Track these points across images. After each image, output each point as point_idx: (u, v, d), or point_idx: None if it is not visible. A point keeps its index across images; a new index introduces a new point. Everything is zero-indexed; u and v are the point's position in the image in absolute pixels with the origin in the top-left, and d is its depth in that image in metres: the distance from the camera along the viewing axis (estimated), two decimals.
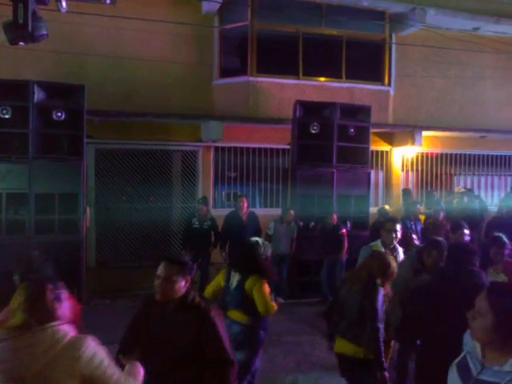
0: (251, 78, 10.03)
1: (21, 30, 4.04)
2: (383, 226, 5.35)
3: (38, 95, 7.25)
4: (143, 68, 9.53)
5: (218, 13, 10.09)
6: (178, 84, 9.86)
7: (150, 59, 9.49)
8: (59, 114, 7.36)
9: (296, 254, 8.61)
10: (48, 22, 4.39)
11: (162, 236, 10.25)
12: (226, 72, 10.37)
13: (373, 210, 9.51)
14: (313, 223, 8.73)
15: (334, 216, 8.40)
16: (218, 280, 4.46)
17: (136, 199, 9.97)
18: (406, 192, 10.70)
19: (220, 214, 9.22)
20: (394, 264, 3.94)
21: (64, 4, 4.62)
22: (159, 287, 2.89)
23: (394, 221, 5.33)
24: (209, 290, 4.53)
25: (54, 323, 2.26)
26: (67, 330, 2.29)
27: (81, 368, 2.20)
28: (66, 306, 2.39)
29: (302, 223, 8.72)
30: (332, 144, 8.78)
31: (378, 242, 5.24)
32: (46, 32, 4.31)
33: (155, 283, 2.91)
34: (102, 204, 9.81)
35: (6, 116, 7.18)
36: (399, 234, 5.19)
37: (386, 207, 9.70)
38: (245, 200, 8.72)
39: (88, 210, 7.96)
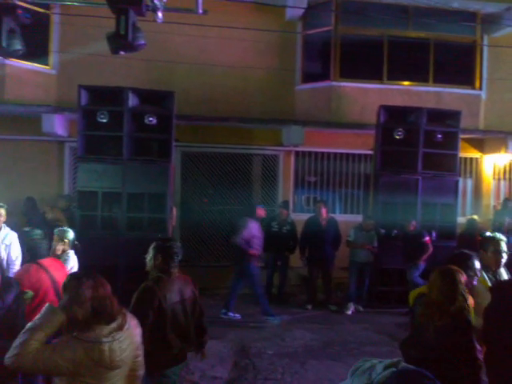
0: (334, 83, 9.98)
1: (122, 41, 4.35)
2: (485, 244, 4.22)
3: (132, 101, 7.72)
4: (227, 74, 9.81)
5: (301, 18, 10.16)
6: (260, 89, 10.05)
7: (234, 65, 9.75)
8: (151, 118, 7.79)
9: (377, 262, 8.43)
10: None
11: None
12: (308, 77, 10.41)
13: (460, 219, 9.08)
14: (395, 231, 8.51)
15: (413, 223, 8.13)
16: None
17: (218, 201, 10.27)
18: (509, 202, 10.02)
19: (299, 218, 9.26)
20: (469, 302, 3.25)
21: (160, 15, 4.91)
22: None
23: (498, 240, 4.16)
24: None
25: None
26: None
27: None
28: None
29: (383, 231, 8.53)
30: (417, 150, 8.52)
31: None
32: (143, 42, 4.61)
33: None
34: (186, 204, 10.20)
35: (103, 120, 7.72)
36: (505, 256, 4.12)
37: (475, 217, 9.21)
38: (323, 206, 8.69)
39: (174, 209, 8.32)
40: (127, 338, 2.57)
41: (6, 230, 5.85)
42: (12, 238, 5.80)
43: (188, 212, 10.17)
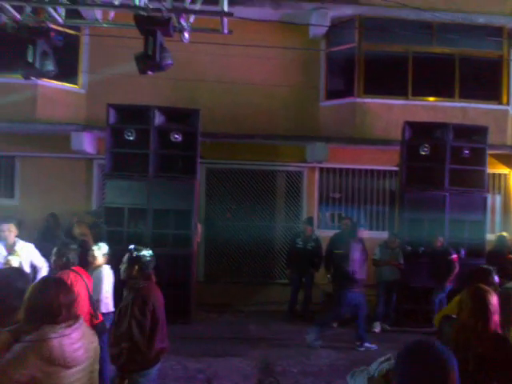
0: (358, 99, 9.99)
1: (150, 61, 4.47)
2: None
3: (158, 119, 7.88)
4: (251, 92, 9.91)
5: (324, 36, 10.24)
6: (284, 106, 10.11)
7: (258, 83, 9.86)
8: (176, 135, 7.92)
9: (404, 280, 8.29)
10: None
11: (266, 254, 10.44)
12: (332, 94, 10.43)
13: (489, 236, 8.88)
14: (422, 248, 8.37)
15: (440, 239, 7.99)
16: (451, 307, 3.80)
17: (242, 217, 10.29)
18: None
19: (324, 235, 9.20)
20: None
21: (187, 35, 5.03)
22: None
23: None
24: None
25: None
26: None
27: None
28: None
29: (409, 248, 8.40)
30: (444, 166, 8.41)
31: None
32: (170, 61, 4.73)
33: None
34: (210, 221, 10.26)
35: (131, 138, 7.89)
36: None
37: (505, 234, 9.00)
38: (348, 222, 8.62)
39: (199, 226, 8.38)
40: (80, 340, 2.58)
41: (20, 243, 5.84)
42: (29, 249, 5.84)
43: (212, 228, 10.22)
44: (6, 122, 9.00)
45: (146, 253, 4.14)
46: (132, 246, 4.22)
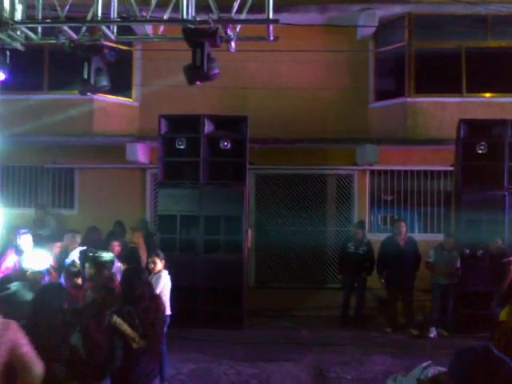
0: (409, 99, 9.76)
1: (198, 72, 4.60)
2: None
3: (208, 127, 8.05)
4: (300, 96, 9.91)
5: (372, 37, 10.09)
6: (333, 109, 10.04)
7: (307, 87, 9.84)
8: (225, 143, 8.06)
9: (461, 284, 8.00)
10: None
11: (318, 259, 10.37)
12: (381, 95, 10.26)
13: None
14: (481, 251, 8.04)
15: (499, 241, 7.64)
16: None
17: (292, 222, 10.29)
18: None
19: (376, 238, 9.04)
20: None
21: (233, 45, 5.13)
22: None
23: None
24: None
25: None
26: None
27: (5, 345, 2.83)
28: None
29: (467, 251, 8.09)
30: (502, 164, 8.06)
31: None
32: (218, 71, 4.84)
33: None
34: (261, 226, 10.32)
35: (181, 147, 8.11)
36: None
37: None
38: (403, 225, 8.43)
39: (249, 231, 8.46)
40: None
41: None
42: None
43: (263, 233, 10.28)
44: (64, 136, 9.47)
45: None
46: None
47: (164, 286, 5.71)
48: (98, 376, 3.48)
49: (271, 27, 5.50)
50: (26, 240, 5.89)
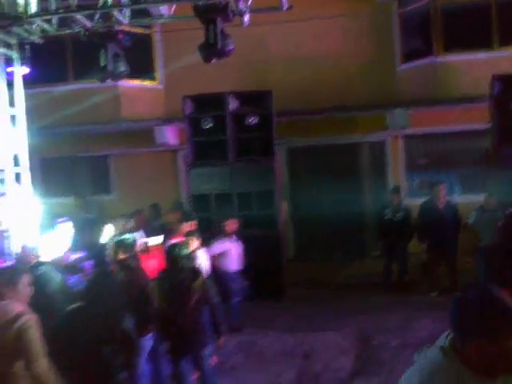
0: (437, 58, 9.38)
1: (212, 49, 4.54)
2: None
3: (233, 104, 8.00)
4: (323, 65, 9.69)
5: None
6: (358, 76, 9.77)
7: (329, 56, 9.62)
8: (251, 119, 8.00)
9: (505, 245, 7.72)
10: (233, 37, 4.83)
11: (356, 228, 10.27)
12: (408, 56, 9.89)
13: None
14: None
15: None
16: None
17: (327, 193, 10.18)
18: None
19: (414, 203, 8.83)
20: None
21: (246, 19, 5.01)
22: None
23: None
24: None
25: (4, 302, 3.22)
26: (13, 307, 3.20)
27: (16, 337, 3.09)
28: (17, 289, 3.28)
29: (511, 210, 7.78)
30: None
31: None
32: (232, 47, 4.75)
33: None
34: (295, 199, 10.28)
35: (208, 126, 8.11)
36: None
37: None
38: (441, 188, 8.19)
39: (283, 205, 8.45)
40: None
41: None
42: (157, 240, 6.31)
43: (298, 207, 10.24)
44: (93, 124, 9.67)
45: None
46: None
47: (200, 264, 5.80)
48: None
49: None
50: (65, 228, 6.08)
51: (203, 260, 5.92)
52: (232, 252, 7.06)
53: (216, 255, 6.88)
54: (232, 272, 7.02)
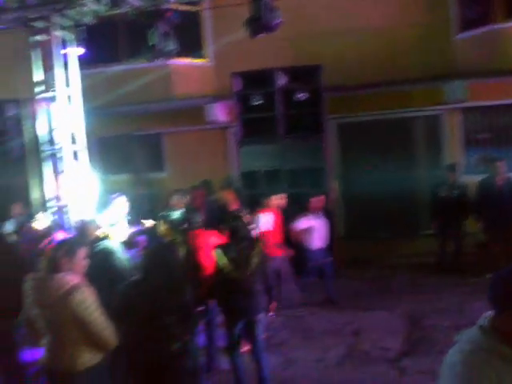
0: (498, 26, 8.77)
1: (258, 23, 4.47)
2: None
3: (282, 80, 7.90)
4: (375, 37, 9.32)
5: None
6: (412, 47, 9.33)
7: (382, 27, 9.24)
8: (301, 94, 7.89)
9: None
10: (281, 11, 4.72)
11: (409, 206, 9.98)
12: (466, 25, 9.29)
13: None
14: None
15: None
16: None
17: (380, 170, 9.94)
18: None
19: (471, 180, 8.45)
20: None
21: None
22: None
23: None
24: None
25: (61, 274, 3.34)
26: (69, 279, 3.32)
27: (72, 306, 3.22)
28: (73, 261, 3.41)
29: None
30: None
31: None
32: (279, 20, 4.66)
33: None
34: (347, 177, 10.10)
35: (257, 103, 8.08)
36: None
37: None
38: (501, 164, 7.79)
39: (334, 183, 8.35)
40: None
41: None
42: None
43: (349, 184, 10.06)
44: (144, 103, 9.83)
45: None
46: None
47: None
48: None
49: None
50: (120, 203, 6.32)
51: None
52: (316, 229, 7.10)
53: (300, 231, 6.98)
54: (315, 249, 7.11)
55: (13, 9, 5.87)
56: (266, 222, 6.70)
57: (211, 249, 4.87)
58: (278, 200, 6.90)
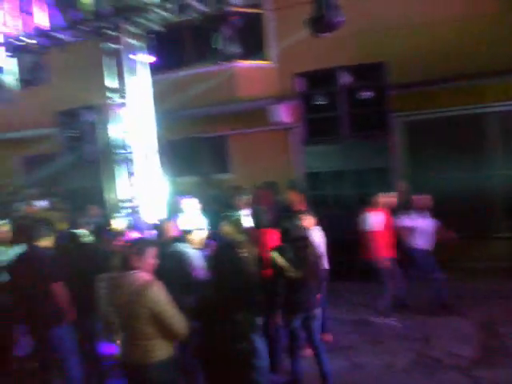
0: None
1: (321, 22, 4.42)
2: None
3: (345, 79, 7.75)
4: (441, 30, 8.91)
5: None
6: (484, 39, 8.80)
7: (447, 19, 8.80)
8: (364, 93, 7.69)
9: None
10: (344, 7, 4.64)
11: (483, 207, 9.46)
12: None
13: None
14: None
15: None
16: None
17: (451, 169, 9.50)
18: None
19: None
20: None
21: None
22: None
23: None
24: None
25: (133, 271, 3.55)
26: (140, 276, 3.52)
27: (145, 301, 3.41)
28: (144, 259, 3.57)
29: None
30: None
31: None
32: (342, 19, 4.58)
33: None
34: (415, 177, 9.74)
35: (320, 102, 7.98)
36: None
37: None
38: None
39: (401, 183, 8.10)
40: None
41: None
42: None
43: (417, 185, 9.69)
44: (210, 106, 10.05)
45: None
46: None
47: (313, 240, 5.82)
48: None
49: None
50: (189, 203, 6.48)
51: (316, 237, 5.89)
52: (421, 229, 6.97)
53: (404, 230, 6.88)
54: (419, 249, 6.97)
55: (89, 21, 6.21)
56: (375, 221, 6.62)
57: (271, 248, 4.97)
58: (387, 198, 6.74)
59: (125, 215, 6.78)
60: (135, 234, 5.84)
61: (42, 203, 8.35)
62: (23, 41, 6.53)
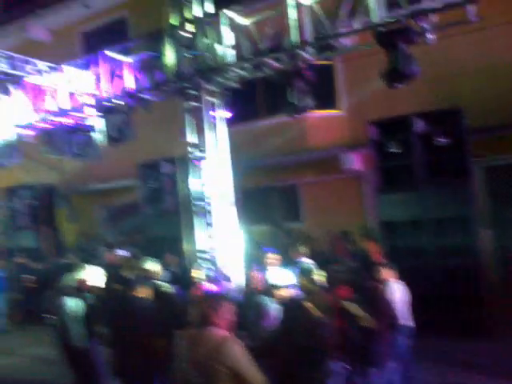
0: None
1: (396, 73, 4.46)
2: None
3: (419, 126, 7.67)
4: None
5: None
6: None
7: None
8: (440, 139, 7.55)
9: None
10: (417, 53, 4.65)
11: None
12: None
13: None
14: None
15: None
16: None
17: None
18: None
19: None
20: None
21: (430, 36, 4.80)
22: None
23: None
24: None
25: (209, 327, 3.38)
26: (217, 333, 3.36)
27: (225, 360, 3.23)
28: (220, 315, 3.43)
29: None
30: None
31: None
32: (416, 69, 4.60)
33: None
34: (499, 225, 9.19)
35: (394, 150, 7.91)
36: None
37: None
38: None
39: (484, 232, 7.70)
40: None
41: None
42: None
43: (502, 233, 9.13)
44: (283, 155, 10.30)
45: None
46: None
47: (391, 296, 5.54)
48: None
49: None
50: (271, 257, 6.44)
51: (395, 292, 5.60)
52: None
53: None
54: None
55: (172, 81, 6.68)
56: None
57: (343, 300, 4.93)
58: None
59: (204, 266, 6.89)
60: (212, 286, 5.87)
61: (123, 252, 8.70)
62: (113, 102, 7.06)
